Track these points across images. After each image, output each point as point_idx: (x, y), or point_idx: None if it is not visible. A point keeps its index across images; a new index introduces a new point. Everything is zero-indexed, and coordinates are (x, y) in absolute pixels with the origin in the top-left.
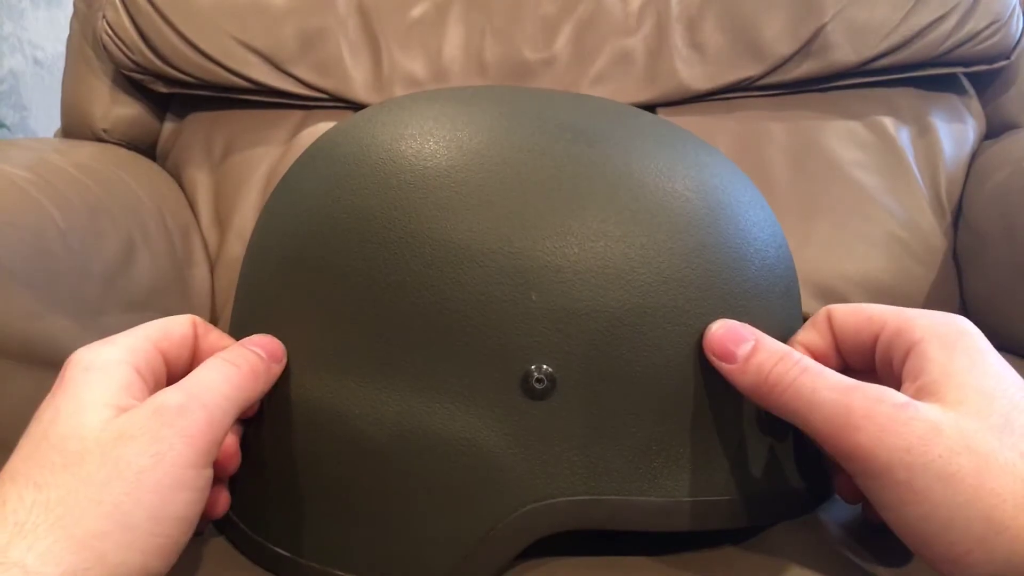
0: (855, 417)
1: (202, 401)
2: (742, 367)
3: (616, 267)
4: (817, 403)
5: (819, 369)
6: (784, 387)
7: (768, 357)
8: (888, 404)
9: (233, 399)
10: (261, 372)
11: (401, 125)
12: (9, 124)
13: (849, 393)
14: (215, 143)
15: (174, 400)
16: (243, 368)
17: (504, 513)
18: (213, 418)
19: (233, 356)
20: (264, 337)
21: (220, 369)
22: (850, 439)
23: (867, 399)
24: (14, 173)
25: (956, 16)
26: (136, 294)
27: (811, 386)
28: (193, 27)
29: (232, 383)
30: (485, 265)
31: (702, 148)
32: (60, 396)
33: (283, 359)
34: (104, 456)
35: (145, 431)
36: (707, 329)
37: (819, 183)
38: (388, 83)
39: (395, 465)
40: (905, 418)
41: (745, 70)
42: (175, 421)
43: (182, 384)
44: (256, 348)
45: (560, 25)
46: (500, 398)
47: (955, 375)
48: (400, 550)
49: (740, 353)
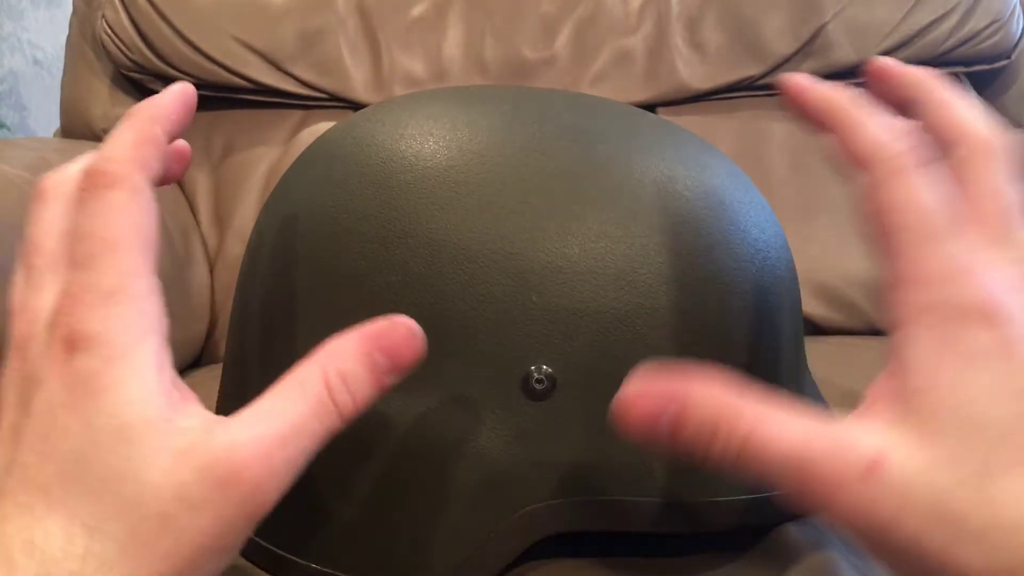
0: (819, 495)
1: (281, 479)
2: (669, 445)
3: (617, 267)
4: (772, 478)
5: (763, 437)
6: (729, 465)
7: (698, 432)
8: (850, 483)
9: (314, 452)
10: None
11: (401, 125)
12: (9, 124)
13: (803, 473)
14: (215, 143)
15: (248, 477)
16: (346, 412)
17: (504, 514)
18: (281, 490)
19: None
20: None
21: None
22: (819, 512)
23: (826, 481)
24: (14, 173)
25: (956, 16)
26: None
27: (758, 465)
28: (193, 27)
29: (326, 433)
30: (485, 265)
31: (703, 148)
32: (85, 401)
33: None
34: (164, 522)
35: (211, 504)
36: (616, 400)
37: (819, 183)
38: (388, 83)
39: (395, 466)
40: (871, 497)
41: (745, 69)
42: (245, 503)
43: (258, 448)
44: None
45: (560, 25)
46: (500, 399)
47: (935, 394)
48: (400, 551)
49: (663, 428)
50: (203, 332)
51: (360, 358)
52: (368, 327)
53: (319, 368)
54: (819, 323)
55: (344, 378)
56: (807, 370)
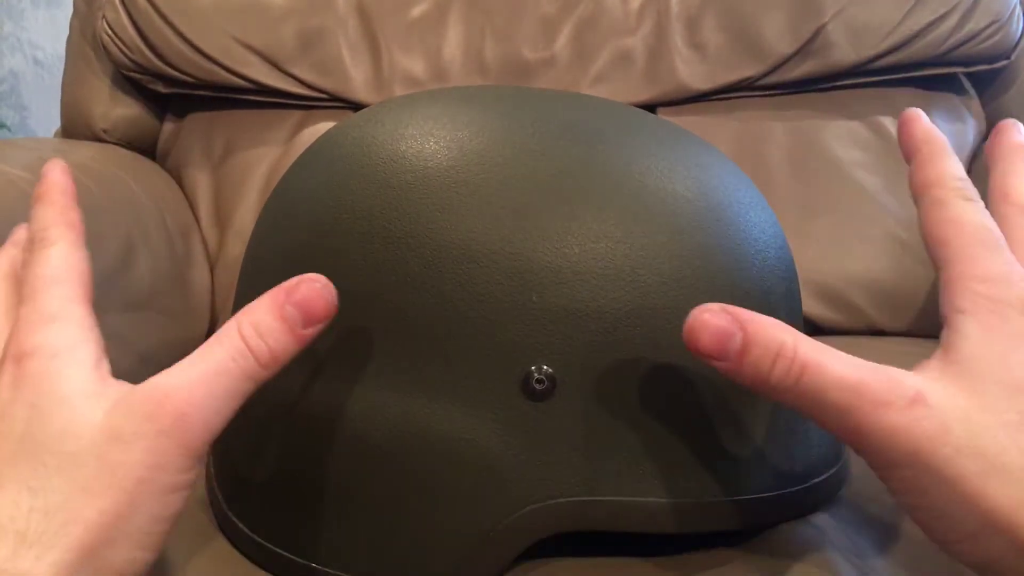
0: (864, 421)
1: (205, 412)
2: (736, 366)
3: (616, 268)
4: (823, 405)
5: (819, 364)
6: (786, 389)
7: (763, 354)
8: (897, 406)
9: (242, 395)
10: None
11: (401, 125)
12: (9, 124)
13: (858, 394)
14: (215, 143)
15: (173, 406)
16: (263, 358)
17: (504, 514)
18: (212, 425)
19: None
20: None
21: (235, 361)
22: (859, 440)
23: (876, 402)
24: (14, 173)
25: (956, 16)
26: (136, 294)
27: (815, 387)
28: (193, 27)
29: (248, 379)
30: (485, 265)
31: (703, 148)
32: (31, 391)
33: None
34: (100, 461)
35: (140, 436)
36: (686, 324)
37: (819, 183)
38: (388, 83)
39: (395, 466)
40: (914, 418)
41: (745, 70)
42: (172, 431)
43: (187, 377)
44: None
45: (560, 25)
46: (500, 399)
47: (983, 361)
48: (399, 551)
49: (731, 349)
50: (203, 332)
51: (272, 310)
52: (281, 285)
53: (235, 322)
54: (819, 323)
55: (257, 327)
56: None
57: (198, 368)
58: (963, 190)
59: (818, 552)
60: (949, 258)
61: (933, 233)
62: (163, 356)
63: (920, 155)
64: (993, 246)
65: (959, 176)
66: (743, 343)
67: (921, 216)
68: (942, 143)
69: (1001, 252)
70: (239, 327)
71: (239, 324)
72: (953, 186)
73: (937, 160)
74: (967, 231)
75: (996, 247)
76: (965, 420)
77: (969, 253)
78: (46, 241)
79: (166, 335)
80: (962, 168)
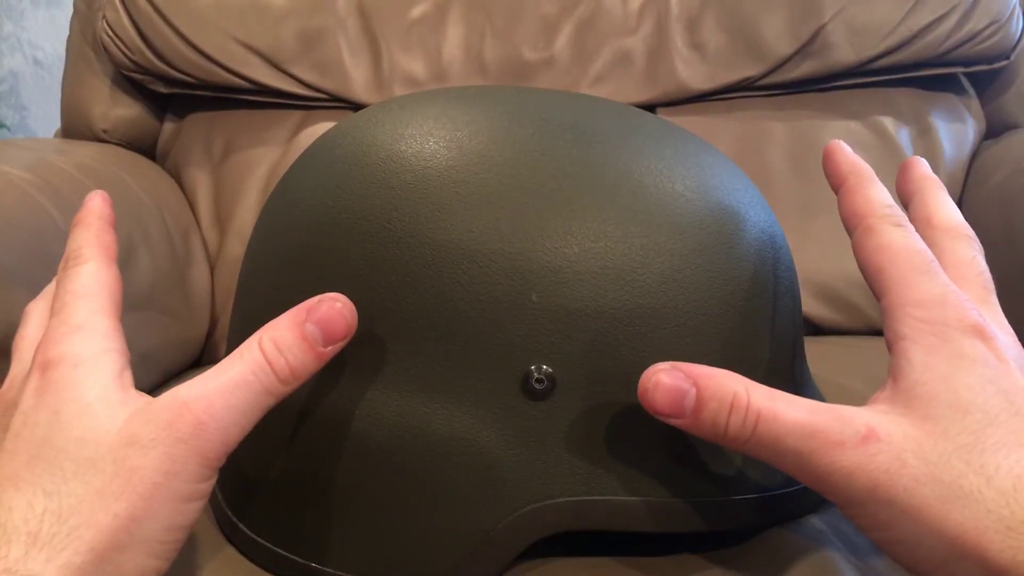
0: (821, 463)
1: (223, 422)
2: (694, 422)
3: (616, 267)
4: (781, 452)
5: (773, 411)
6: (744, 440)
7: (718, 408)
8: (850, 444)
9: (260, 408)
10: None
11: (401, 125)
12: (9, 124)
13: (811, 437)
14: (215, 143)
15: (192, 415)
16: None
17: (504, 513)
18: (230, 437)
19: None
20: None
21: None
22: (819, 482)
23: (829, 443)
24: (14, 174)
25: (956, 16)
26: (136, 294)
27: (771, 436)
28: (193, 27)
29: (267, 393)
30: (485, 265)
31: (702, 148)
32: (54, 397)
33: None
34: (117, 465)
35: (158, 443)
36: (640, 385)
37: (819, 183)
38: (388, 83)
39: (395, 466)
40: (868, 454)
41: (745, 70)
42: (189, 439)
43: (206, 387)
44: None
45: (560, 25)
46: (500, 399)
47: (929, 385)
48: (399, 551)
49: (686, 407)
50: (203, 333)
51: (292, 328)
52: (303, 303)
53: (256, 338)
54: (819, 323)
55: (277, 344)
56: (807, 369)
57: (218, 380)
58: (892, 216)
59: (817, 552)
60: (886, 286)
61: (867, 262)
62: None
63: (847, 185)
64: (926, 270)
65: (887, 203)
66: (697, 399)
67: (854, 246)
68: (867, 172)
69: (935, 275)
70: (260, 342)
71: (260, 339)
72: (882, 213)
73: (864, 189)
74: (900, 257)
75: (929, 271)
76: (919, 449)
77: (904, 279)
78: (79, 259)
79: (166, 335)
80: (889, 195)
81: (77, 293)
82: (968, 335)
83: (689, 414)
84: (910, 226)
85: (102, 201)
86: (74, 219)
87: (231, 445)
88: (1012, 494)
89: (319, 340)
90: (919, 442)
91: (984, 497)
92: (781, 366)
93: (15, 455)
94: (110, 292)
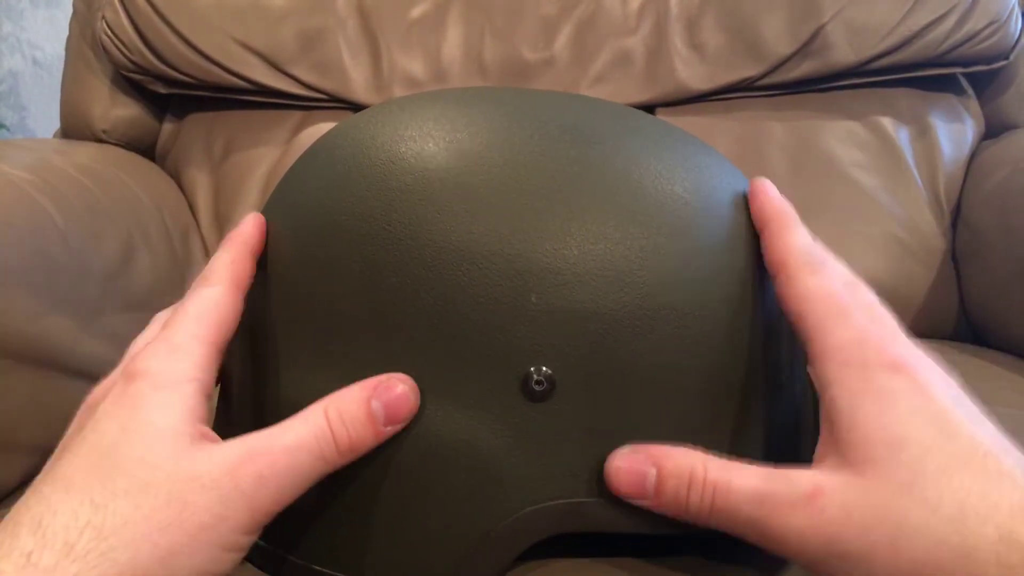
0: (775, 527)
1: (281, 481)
2: (657, 501)
3: (615, 269)
4: (740, 522)
5: (727, 481)
6: (707, 515)
7: (678, 484)
8: (800, 506)
9: (315, 475)
10: (365, 445)
11: (401, 127)
12: (8, 124)
13: (762, 504)
14: (215, 143)
15: (255, 467)
16: (342, 445)
17: (503, 515)
18: (283, 497)
19: (339, 423)
20: (396, 388)
21: (316, 440)
22: (779, 546)
23: (779, 506)
24: (14, 174)
25: (955, 17)
26: (136, 294)
27: (728, 507)
28: (192, 28)
29: (324, 461)
30: (484, 267)
31: (701, 149)
32: (127, 412)
33: (406, 418)
34: (171, 496)
35: (216, 486)
36: (605, 471)
37: (818, 183)
38: (388, 83)
39: (394, 467)
40: (817, 511)
41: (744, 70)
42: (247, 490)
43: (271, 444)
44: (377, 404)
45: (560, 25)
46: (500, 400)
47: (860, 428)
48: (399, 552)
49: (648, 487)
50: None
51: (359, 403)
52: (370, 380)
53: (322, 405)
54: None
55: (341, 415)
56: (805, 370)
57: (283, 439)
58: (809, 264)
59: None
60: (807, 334)
61: (788, 310)
62: None
63: (768, 231)
64: (841, 313)
65: (804, 249)
66: (658, 478)
67: (777, 293)
68: (787, 216)
69: (849, 316)
70: (326, 410)
71: (326, 408)
72: (800, 262)
73: (784, 235)
74: (816, 306)
75: (844, 313)
76: (863, 497)
77: (822, 326)
78: (207, 282)
79: None
80: (808, 238)
81: (189, 314)
82: (888, 371)
83: (652, 494)
84: (827, 269)
85: (255, 226)
86: (226, 236)
87: (282, 505)
88: (960, 520)
89: (382, 419)
90: (863, 489)
91: (933, 530)
92: (781, 366)
93: (75, 457)
94: (221, 320)
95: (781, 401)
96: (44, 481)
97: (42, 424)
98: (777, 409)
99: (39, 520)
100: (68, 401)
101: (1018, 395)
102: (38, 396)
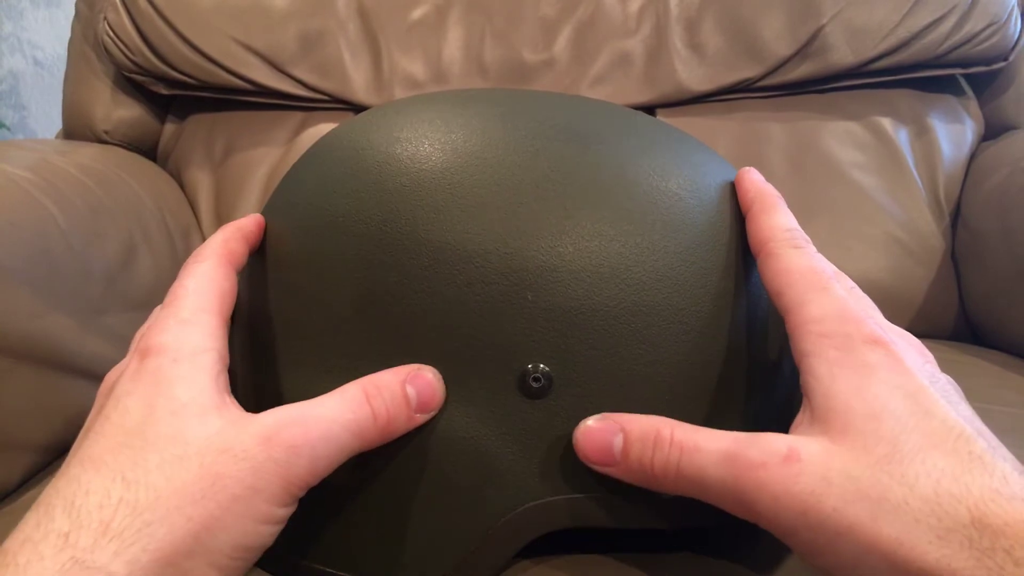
0: (747, 490)
1: (315, 451)
2: (624, 467)
3: (611, 266)
4: (707, 484)
5: (695, 443)
6: (671, 476)
7: (643, 447)
8: (771, 465)
9: (349, 451)
10: (399, 426)
11: (396, 128)
12: (9, 124)
13: (733, 463)
14: (216, 144)
15: (288, 436)
16: (380, 420)
17: (502, 512)
18: (317, 468)
19: (379, 399)
20: (428, 375)
21: (354, 413)
22: (749, 511)
23: (750, 465)
24: (16, 174)
25: (954, 18)
26: (137, 294)
27: (696, 467)
28: (194, 29)
29: (359, 436)
30: (480, 265)
31: (696, 148)
32: (150, 388)
33: (435, 408)
34: (203, 469)
35: (248, 457)
36: (574, 437)
37: (818, 184)
38: (388, 85)
39: (393, 465)
40: (792, 475)
41: (744, 71)
42: (280, 460)
43: (305, 414)
44: (412, 390)
45: (560, 27)
46: (497, 397)
47: (840, 398)
48: (398, 550)
49: (615, 451)
50: None
51: (397, 384)
52: (402, 367)
53: (359, 383)
54: None
55: (379, 388)
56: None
57: (317, 410)
58: (792, 240)
59: None
60: (787, 307)
61: (770, 286)
62: None
63: (751, 212)
64: (822, 287)
65: (787, 227)
66: (624, 442)
67: (759, 271)
68: (771, 197)
69: (830, 291)
70: (364, 387)
71: (364, 385)
72: (782, 238)
73: (768, 214)
74: (796, 279)
75: (825, 287)
76: (842, 468)
77: (802, 299)
78: (199, 258)
79: None
80: (791, 218)
81: (188, 289)
82: (868, 344)
83: (619, 458)
84: (810, 247)
85: (255, 221)
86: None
87: (317, 477)
88: (935, 500)
89: (415, 404)
90: (842, 460)
91: (911, 508)
92: (778, 363)
93: (101, 437)
94: (220, 292)
95: (775, 394)
96: (71, 464)
97: (43, 423)
98: (771, 402)
99: (72, 500)
100: (69, 401)
101: (1017, 395)
102: (39, 395)
